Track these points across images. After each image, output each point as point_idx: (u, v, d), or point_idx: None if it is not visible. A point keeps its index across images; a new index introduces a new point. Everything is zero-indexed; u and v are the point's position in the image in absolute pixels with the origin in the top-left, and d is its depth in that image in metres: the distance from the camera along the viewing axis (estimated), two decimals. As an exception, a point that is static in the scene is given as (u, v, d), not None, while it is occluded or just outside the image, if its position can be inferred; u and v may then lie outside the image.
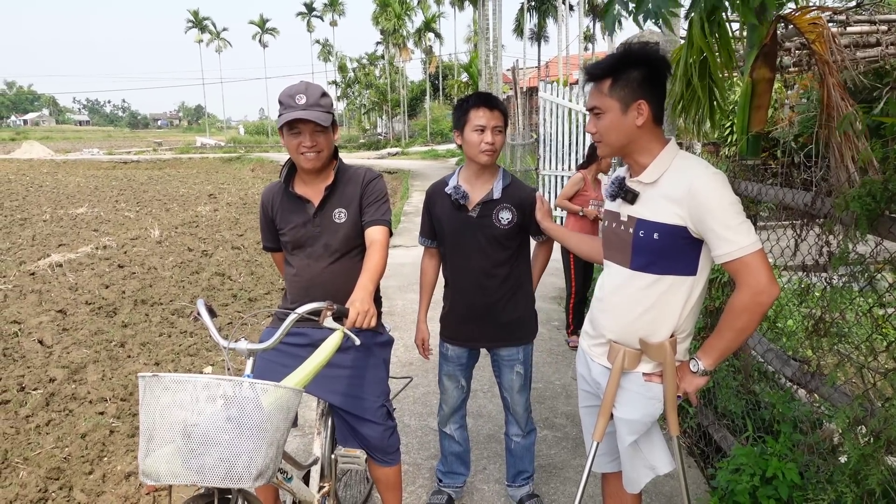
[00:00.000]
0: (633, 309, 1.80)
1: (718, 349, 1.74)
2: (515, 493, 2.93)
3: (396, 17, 46.32)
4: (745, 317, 1.65)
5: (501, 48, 20.56)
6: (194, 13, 72.74)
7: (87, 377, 4.64)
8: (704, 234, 1.66)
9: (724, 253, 1.63)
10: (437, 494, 2.92)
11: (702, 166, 1.73)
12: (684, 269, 1.74)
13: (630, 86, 1.70)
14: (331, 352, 1.84)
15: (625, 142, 1.76)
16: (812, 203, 2.24)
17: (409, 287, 6.81)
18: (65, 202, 16.06)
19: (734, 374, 3.03)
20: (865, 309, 2.13)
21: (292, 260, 2.34)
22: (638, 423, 1.86)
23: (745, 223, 1.64)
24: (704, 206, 1.63)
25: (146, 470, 1.49)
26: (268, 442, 1.56)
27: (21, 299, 6.78)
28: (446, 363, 2.79)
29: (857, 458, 1.94)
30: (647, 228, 1.73)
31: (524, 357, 2.72)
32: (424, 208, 2.75)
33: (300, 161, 2.19)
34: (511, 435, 2.85)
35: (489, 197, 2.54)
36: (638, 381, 1.86)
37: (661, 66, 1.74)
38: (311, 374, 1.78)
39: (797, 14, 2.38)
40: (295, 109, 2.09)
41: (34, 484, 3.23)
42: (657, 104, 1.74)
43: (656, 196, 1.73)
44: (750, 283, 1.61)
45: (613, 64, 1.74)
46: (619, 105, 1.72)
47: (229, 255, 9.23)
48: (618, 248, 1.84)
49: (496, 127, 2.46)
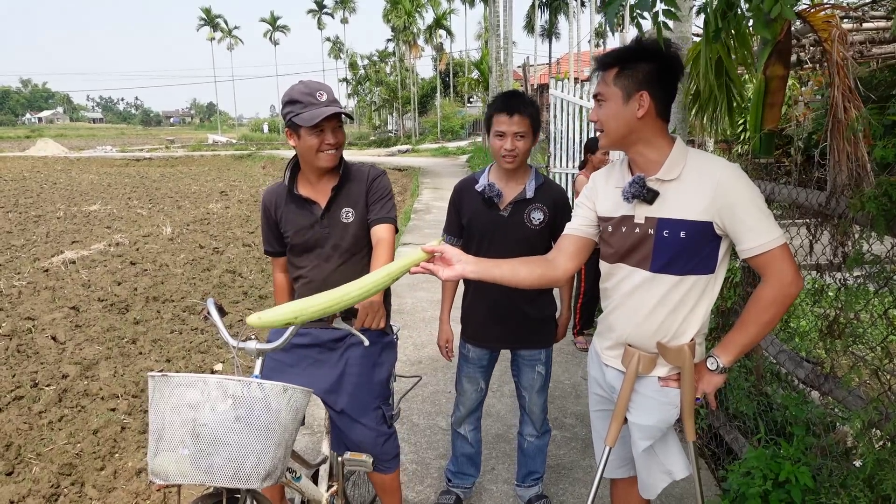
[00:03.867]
0: (654, 312, 1.76)
1: (740, 345, 1.72)
2: (524, 494, 2.91)
3: (407, 14, 46.28)
4: (772, 310, 1.63)
5: (512, 45, 20.51)
6: (206, 11, 73.08)
7: (100, 374, 4.68)
8: (733, 227, 1.63)
9: (756, 245, 1.61)
10: (446, 494, 2.91)
11: (720, 160, 1.72)
12: (704, 268, 1.72)
13: (635, 76, 1.69)
14: (404, 267, 1.73)
15: (625, 132, 1.73)
16: (826, 203, 2.21)
17: (418, 285, 6.80)
18: (78, 199, 16.20)
19: (746, 376, 2.99)
20: (881, 310, 2.09)
21: (300, 263, 2.28)
22: (653, 429, 1.84)
23: (770, 215, 1.63)
24: (734, 197, 1.62)
25: (155, 469, 1.50)
26: (276, 442, 1.56)
27: (35, 296, 6.85)
28: (467, 365, 2.75)
29: (871, 463, 1.91)
30: (671, 227, 1.69)
31: (546, 357, 2.70)
32: (451, 203, 2.69)
33: (320, 160, 2.12)
34: (525, 434, 2.84)
35: (522, 196, 2.51)
36: (653, 386, 1.82)
37: (671, 63, 1.71)
38: (376, 286, 1.70)
39: (812, 11, 2.34)
40: (320, 106, 2.03)
41: (47, 479, 3.26)
42: (662, 99, 1.71)
43: (679, 193, 1.69)
44: (778, 275, 1.61)
45: (622, 54, 1.74)
46: (621, 94, 1.70)
47: (240, 252, 9.27)
48: (634, 251, 1.78)
49: (517, 133, 2.41)
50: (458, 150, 33.43)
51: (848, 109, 2.13)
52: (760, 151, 2.85)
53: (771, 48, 2.51)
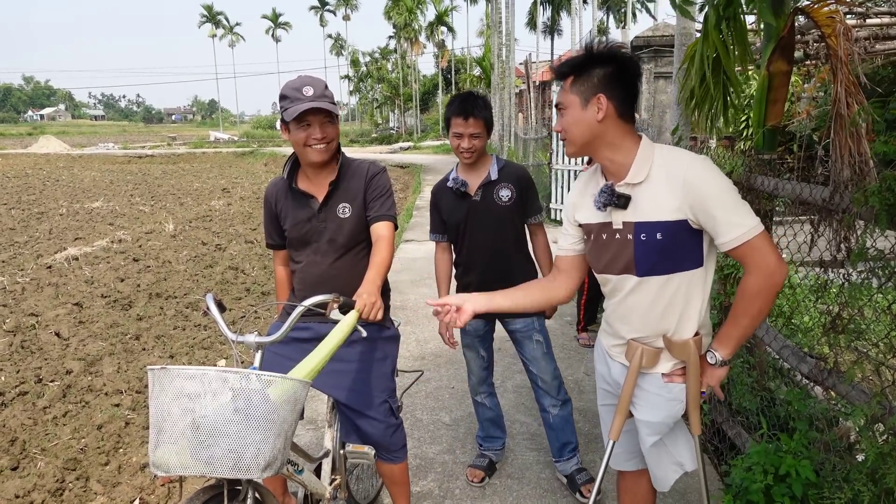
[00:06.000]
0: (651, 310, 1.77)
1: (735, 337, 1.72)
2: (564, 468, 2.96)
3: (408, 11, 46.23)
4: (759, 300, 1.63)
5: (514, 42, 20.46)
6: (208, 8, 73.03)
7: (103, 369, 4.69)
8: (706, 222, 1.63)
9: (732, 238, 1.59)
10: (480, 458, 3.13)
11: (687, 154, 1.70)
12: (690, 263, 1.72)
13: (590, 81, 1.70)
14: (341, 339, 1.82)
15: (588, 137, 1.73)
16: (830, 198, 2.21)
17: (422, 281, 6.81)
18: (81, 196, 16.23)
19: (749, 371, 3.00)
20: (885, 305, 2.09)
21: (297, 256, 2.32)
22: (660, 425, 1.85)
23: (745, 205, 1.62)
24: (704, 193, 1.60)
25: (156, 461, 1.51)
26: (275, 433, 1.57)
27: (38, 292, 6.87)
28: (465, 335, 2.96)
29: (874, 457, 1.91)
30: (648, 230, 1.69)
31: (540, 326, 2.87)
32: (432, 206, 2.96)
33: (308, 154, 2.16)
34: (547, 407, 2.92)
35: (487, 179, 2.77)
36: (657, 383, 1.83)
37: (626, 64, 1.71)
38: (320, 364, 1.77)
39: (815, 7, 2.34)
40: (304, 101, 2.07)
41: (52, 474, 3.28)
42: (621, 100, 1.70)
43: (650, 194, 1.69)
44: (760, 265, 1.59)
45: (575, 62, 1.75)
46: (579, 100, 1.71)
47: (242, 248, 9.29)
48: (617, 259, 1.78)
49: (472, 134, 2.67)
50: (459, 147, 33.35)
51: (851, 105, 2.13)
52: (763, 147, 2.85)
53: (774, 44, 2.51)
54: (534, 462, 3.23)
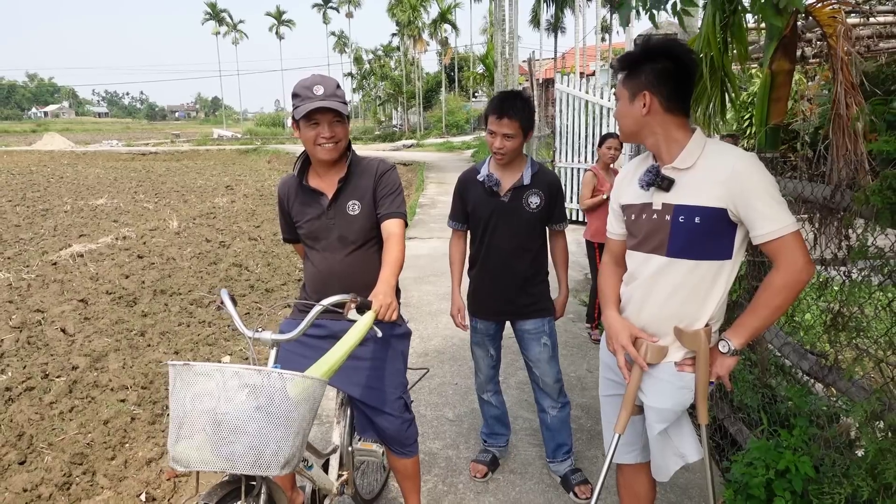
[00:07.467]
0: (671, 296, 1.82)
1: (751, 328, 1.76)
2: (558, 469, 3.00)
3: (412, 9, 46.14)
4: (783, 294, 1.68)
5: (517, 39, 20.43)
6: (212, 5, 73.02)
7: (109, 365, 4.73)
8: (746, 214, 1.68)
9: (769, 231, 1.65)
10: (483, 453, 3.17)
11: (737, 150, 1.77)
12: (720, 253, 1.77)
13: (638, 78, 1.80)
14: (358, 338, 1.84)
15: (634, 128, 1.85)
16: (832, 196, 2.23)
17: (425, 279, 6.84)
18: (85, 193, 16.28)
19: (750, 368, 3.02)
20: (885, 303, 2.11)
21: (309, 252, 2.37)
22: (669, 412, 1.89)
23: (784, 203, 1.68)
24: (749, 185, 1.67)
25: (177, 456, 1.52)
26: (294, 431, 1.58)
27: (44, 289, 6.91)
28: (475, 334, 3.01)
29: (874, 453, 1.93)
30: (687, 213, 1.75)
31: (549, 329, 2.89)
32: (456, 193, 2.94)
33: (317, 152, 2.19)
34: (546, 408, 2.95)
35: (520, 183, 2.74)
36: (669, 371, 1.87)
37: (676, 61, 1.77)
38: (338, 363, 1.79)
39: (817, 6, 2.35)
40: (314, 100, 2.10)
41: (59, 469, 3.31)
42: (667, 96, 1.77)
43: (695, 180, 1.75)
44: (790, 261, 1.65)
45: (628, 57, 1.86)
46: (628, 94, 1.84)
47: (246, 245, 9.32)
48: (651, 237, 1.85)
49: (505, 134, 2.63)
50: (462, 144, 33.39)
51: (850, 105, 2.14)
52: (766, 146, 2.86)
53: (776, 43, 2.52)
54: (536, 458, 3.26)
